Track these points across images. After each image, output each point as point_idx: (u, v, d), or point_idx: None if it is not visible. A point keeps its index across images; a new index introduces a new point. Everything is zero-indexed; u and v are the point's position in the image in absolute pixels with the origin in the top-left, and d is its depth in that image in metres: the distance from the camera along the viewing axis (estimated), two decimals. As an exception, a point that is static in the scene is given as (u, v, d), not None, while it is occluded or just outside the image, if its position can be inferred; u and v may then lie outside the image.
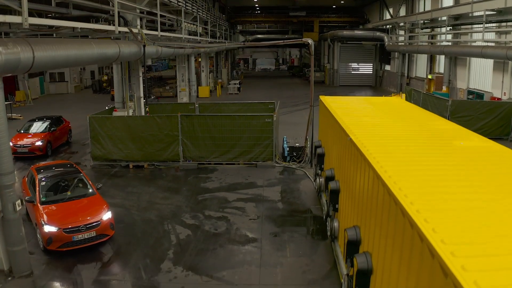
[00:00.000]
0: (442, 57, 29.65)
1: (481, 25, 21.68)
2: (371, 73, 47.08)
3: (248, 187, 13.74)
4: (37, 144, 17.11)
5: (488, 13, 21.37)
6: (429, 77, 31.94)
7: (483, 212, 4.22)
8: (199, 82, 35.41)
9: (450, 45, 26.43)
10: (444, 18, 27.27)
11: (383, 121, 9.30)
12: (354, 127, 8.10)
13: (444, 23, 27.17)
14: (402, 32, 37.76)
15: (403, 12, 37.86)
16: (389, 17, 41.29)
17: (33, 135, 17.57)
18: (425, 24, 31.58)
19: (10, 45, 8.18)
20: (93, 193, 10.72)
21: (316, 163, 12.88)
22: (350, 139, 7.39)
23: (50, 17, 13.41)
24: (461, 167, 5.68)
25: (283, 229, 10.81)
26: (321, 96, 13.42)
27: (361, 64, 47.20)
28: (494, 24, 22.16)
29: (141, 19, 17.82)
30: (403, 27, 36.89)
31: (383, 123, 9.00)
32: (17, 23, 8.80)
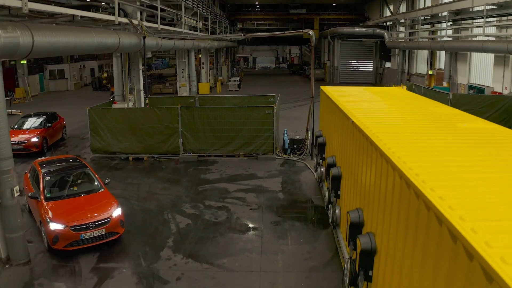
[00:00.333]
0: (442, 53, 29.56)
1: (482, 19, 21.59)
2: (371, 70, 46.97)
3: (248, 178, 13.64)
4: (33, 140, 16.34)
5: (488, 7, 21.28)
6: (430, 73, 31.86)
7: (490, 182, 4.13)
8: (199, 78, 35.31)
9: (450, 40, 26.35)
10: (444, 13, 27.17)
11: (385, 106, 9.22)
12: (356, 112, 8.01)
13: (444, 18, 27.08)
14: (402, 28, 37.69)
15: (403, 8, 37.78)
16: (389, 14, 41.22)
17: (28, 131, 16.79)
18: (426, 20, 31.50)
19: (9, 28, 8.08)
20: (101, 188, 10.10)
21: (317, 153, 12.79)
22: (352, 121, 7.30)
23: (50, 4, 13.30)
24: (465, 144, 5.59)
25: (284, 218, 10.71)
26: (322, 86, 13.33)
27: (361, 61, 47.10)
28: (494, 18, 22.08)
29: (141, 12, 17.73)
30: (403, 24, 36.81)
31: (385, 108, 8.92)
32: (16, 8, 8.68)
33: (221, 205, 11.54)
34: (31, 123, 17.46)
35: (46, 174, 10.10)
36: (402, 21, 36.99)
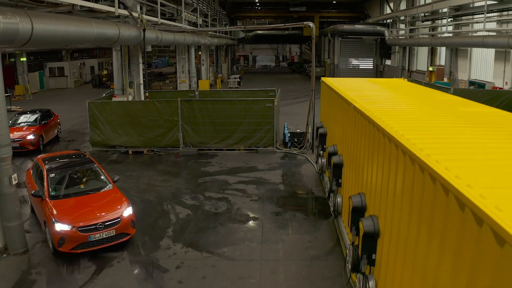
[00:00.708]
0: (443, 50, 29.49)
1: (482, 15, 21.52)
2: (372, 67, 46.84)
3: (249, 171, 13.55)
4: (29, 138, 15.47)
5: (489, 2, 21.20)
6: (430, 69, 31.79)
7: (495, 156, 4.07)
8: (199, 76, 35.22)
9: (451, 36, 26.27)
10: (445, 9, 27.11)
11: (386, 95, 9.13)
12: (357, 98, 7.93)
13: (445, 14, 27.01)
14: (402, 25, 37.60)
15: (403, 5, 37.69)
16: (389, 11, 41.14)
17: (25, 128, 15.92)
18: (426, 16, 31.42)
19: (9, 14, 8.01)
20: (110, 186, 9.43)
21: (318, 144, 12.71)
22: (354, 106, 7.21)
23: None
24: (468, 125, 5.53)
25: (284, 209, 10.63)
26: (322, 78, 13.25)
27: (361, 59, 46.99)
28: (495, 13, 22.00)
29: (141, 6, 17.63)
30: (403, 21, 36.72)
31: (386, 96, 8.84)
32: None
33: (221, 196, 11.45)
34: (26, 119, 16.58)
35: (50, 170, 9.42)
36: (402, 18, 36.91)
